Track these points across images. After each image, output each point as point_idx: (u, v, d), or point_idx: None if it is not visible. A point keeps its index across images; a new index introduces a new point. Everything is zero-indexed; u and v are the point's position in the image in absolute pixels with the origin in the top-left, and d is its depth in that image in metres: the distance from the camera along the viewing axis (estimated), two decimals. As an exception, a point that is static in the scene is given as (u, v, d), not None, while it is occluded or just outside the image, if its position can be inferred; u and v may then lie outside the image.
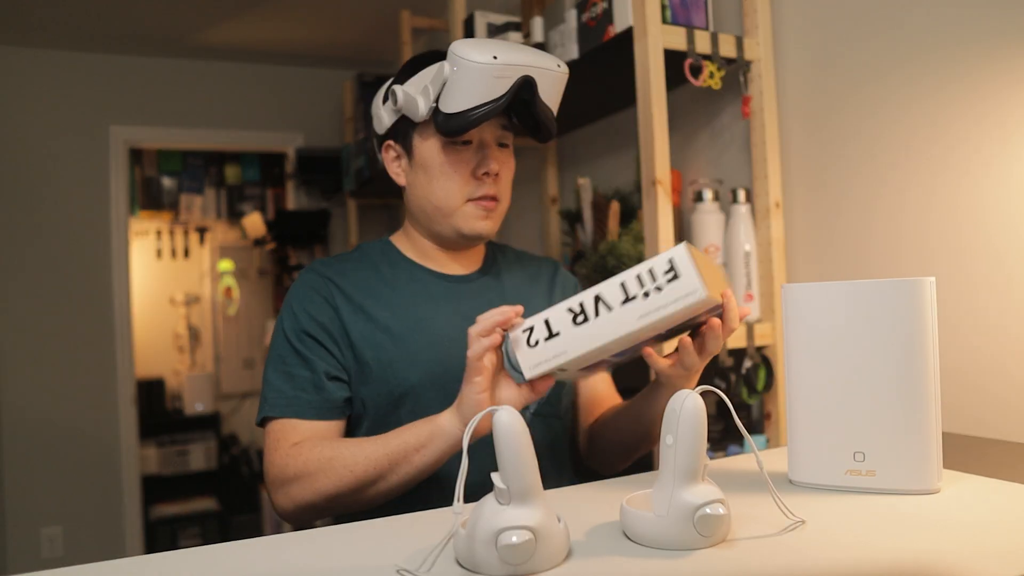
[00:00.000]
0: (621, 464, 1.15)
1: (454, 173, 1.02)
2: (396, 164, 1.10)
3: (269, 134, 3.67)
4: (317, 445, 0.95)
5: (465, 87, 0.94)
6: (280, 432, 0.99)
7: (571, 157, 2.20)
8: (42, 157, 3.24)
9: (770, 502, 0.69)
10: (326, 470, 0.92)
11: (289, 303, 1.05)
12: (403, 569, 0.58)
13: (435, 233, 1.08)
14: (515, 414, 0.56)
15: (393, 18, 2.78)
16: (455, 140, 1.01)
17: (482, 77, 0.94)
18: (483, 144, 1.03)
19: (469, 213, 1.03)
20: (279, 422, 0.99)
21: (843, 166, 1.33)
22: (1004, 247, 1.07)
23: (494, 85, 0.94)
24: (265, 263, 4.49)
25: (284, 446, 0.97)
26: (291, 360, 1.01)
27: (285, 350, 1.02)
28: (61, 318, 3.23)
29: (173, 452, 4.02)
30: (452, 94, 0.96)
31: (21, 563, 3.07)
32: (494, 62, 0.93)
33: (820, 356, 0.76)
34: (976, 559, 0.55)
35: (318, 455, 0.93)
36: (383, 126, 1.09)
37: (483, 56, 0.93)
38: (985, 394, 1.09)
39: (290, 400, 0.99)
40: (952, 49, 1.13)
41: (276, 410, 0.99)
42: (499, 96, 0.95)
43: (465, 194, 1.02)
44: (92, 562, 0.62)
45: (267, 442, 1.00)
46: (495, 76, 0.94)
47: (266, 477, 0.99)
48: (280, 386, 1.00)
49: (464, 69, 0.94)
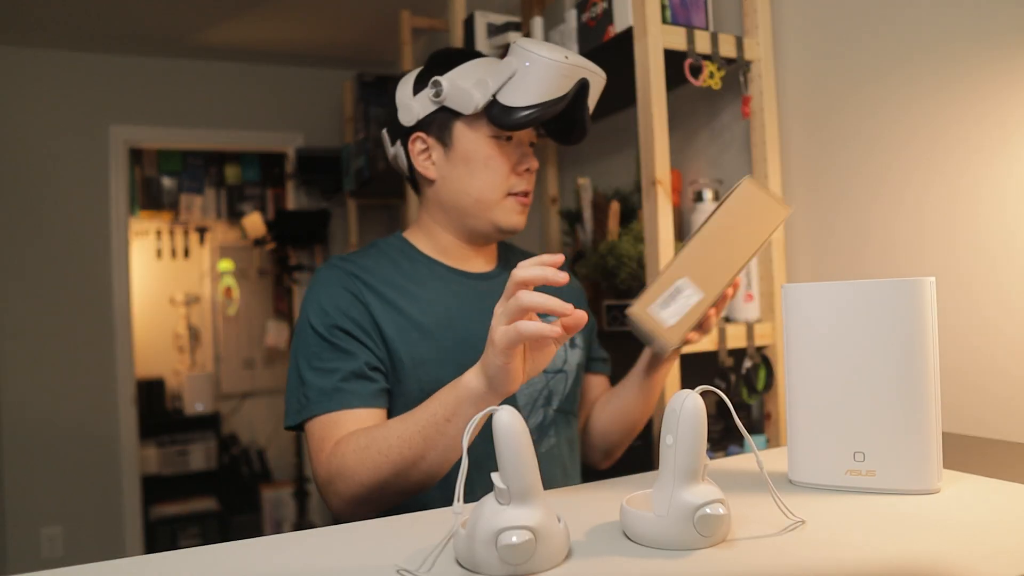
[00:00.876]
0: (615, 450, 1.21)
1: (499, 167, 1.03)
2: (425, 156, 1.06)
3: (269, 134, 3.67)
4: (354, 436, 0.90)
5: (533, 83, 0.97)
6: (323, 429, 0.95)
7: (571, 157, 2.20)
8: (42, 157, 3.24)
9: (770, 502, 0.69)
10: (363, 460, 0.87)
11: (315, 300, 1.02)
12: (403, 569, 0.58)
13: (468, 228, 1.07)
14: (515, 414, 0.56)
15: (393, 18, 2.78)
16: (503, 135, 1.03)
17: (553, 75, 0.97)
18: (522, 141, 1.05)
19: (509, 207, 1.04)
20: (320, 420, 0.95)
21: (843, 166, 1.33)
22: (1004, 247, 1.07)
23: (560, 84, 0.97)
24: (265, 263, 4.49)
25: (329, 444, 0.93)
26: (326, 355, 0.98)
27: (318, 347, 0.99)
28: (61, 318, 3.23)
29: (173, 452, 4.02)
30: (517, 88, 0.97)
31: (21, 563, 3.07)
32: (565, 61, 0.97)
33: (820, 356, 0.76)
34: (976, 559, 0.55)
35: (354, 446, 0.89)
36: (413, 117, 1.05)
37: (556, 55, 0.97)
38: (985, 394, 1.09)
39: (330, 394, 0.95)
40: (952, 49, 1.13)
41: (319, 407, 0.95)
42: (563, 95, 0.98)
43: (506, 188, 1.04)
44: (92, 562, 0.62)
45: (311, 444, 0.96)
46: (563, 75, 0.97)
47: (315, 480, 0.94)
48: (318, 383, 0.97)
49: (537, 65, 0.96)
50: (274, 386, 4.50)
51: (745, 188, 0.91)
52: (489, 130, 1.02)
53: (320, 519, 3.68)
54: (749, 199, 0.91)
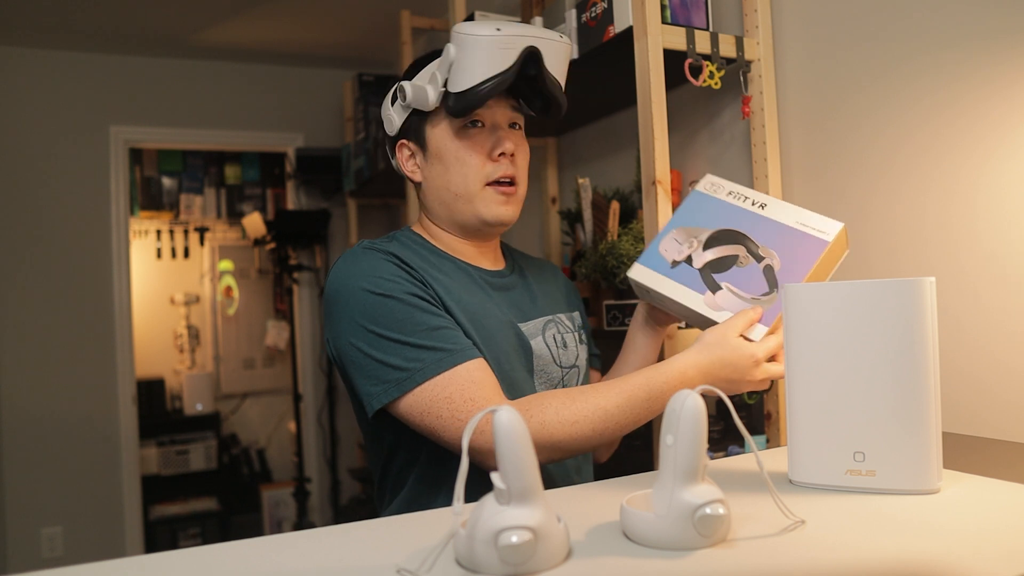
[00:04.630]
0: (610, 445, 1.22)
1: (469, 157, 1.01)
2: (411, 162, 1.07)
3: (269, 134, 3.67)
4: (552, 403, 0.89)
5: (471, 63, 0.94)
6: (453, 386, 0.88)
7: (571, 157, 2.20)
8: (42, 157, 3.24)
9: (770, 502, 0.69)
10: (574, 435, 0.89)
11: (373, 275, 0.94)
12: (403, 569, 0.58)
13: (458, 224, 1.06)
14: (515, 413, 0.56)
15: (393, 18, 2.78)
16: (467, 122, 1.01)
17: (487, 50, 0.94)
18: (496, 125, 1.03)
19: (489, 198, 1.02)
20: (445, 377, 0.89)
21: (842, 166, 1.33)
22: (1003, 246, 1.07)
23: (500, 57, 0.94)
24: (265, 263, 4.49)
25: (481, 400, 0.87)
26: (418, 317, 0.92)
27: (406, 312, 0.92)
28: (61, 318, 3.23)
29: (173, 452, 4.02)
30: (459, 73, 0.95)
31: (21, 563, 3.07)
32: (497, 33, 0.94)
33: (820, 356, 0.76)
34: (976, 559, 0.55)
35: (557, 417, 0.88)
36: (394, 127, 1.07)
37: (486, 29, 0.94)
38: (985, 394, 1.09)
39: (450, 351, 0.90)
40: (951, 49, 1.13)
41: (439, 365, 0.89)
42: (507, 68, 0.95)
43: (483, 177, 1.01)
44: (92, 562, 0.62)
45: (447, 402, 0.88)
46: (500, 48, 0.94)
47: (472, 435, 0.85)
48: (429, 343, 0.90)
49: (469, 45, 0.94)
50: (274, 386, 4.50)
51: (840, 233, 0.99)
52: (452, 123, 1.02)
53: (320, 519, 3.68)
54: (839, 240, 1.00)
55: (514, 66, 0.95)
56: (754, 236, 1.02)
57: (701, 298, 1.01)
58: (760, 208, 1.04)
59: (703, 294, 1.02)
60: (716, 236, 1.04)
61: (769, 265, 1.00)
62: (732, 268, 1.01)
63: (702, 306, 1.01)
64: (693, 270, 1.03)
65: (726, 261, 1.02)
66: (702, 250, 1.04)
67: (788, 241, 1.01)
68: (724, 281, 1.01)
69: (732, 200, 1.06)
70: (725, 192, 1.07)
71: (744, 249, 1.02)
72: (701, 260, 1.03)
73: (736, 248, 1.02)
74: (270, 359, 4.51)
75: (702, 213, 1.07)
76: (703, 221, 1.06)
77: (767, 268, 1.00)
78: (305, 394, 3.72)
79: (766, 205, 1.03)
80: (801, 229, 1.00)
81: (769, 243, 1.01)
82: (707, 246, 1.04)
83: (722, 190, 1.07)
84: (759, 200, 1.04)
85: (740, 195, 1.06)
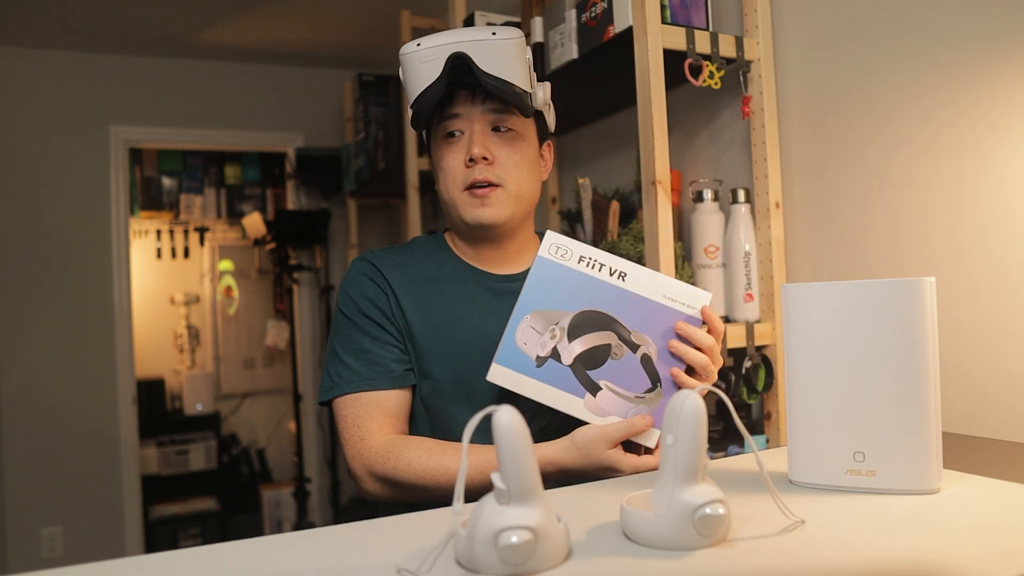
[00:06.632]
0: None
1: (449, 166, 1.05)
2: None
3: (269, 134, 3.67)
4: (407, 450, 0.98)
5: (410, 81, 1.00)
6: (353, 409, 1.03)
7: (571, 157, 2.20)
8: (42, 157, 3.24)
9: (770, 502, 0.69)
10: (417, 482, 0.96)
11: (344, 289, 1.10)
12: (403, 569, 0.58)
13: (457, 228, 1.11)
14: (515, 413, 0.56)
15: (393, 18, 2.78)
16: (445, 132, 1.06)
17: (414, 66, 0.99)
18: (475, 131, 1.04)
19: (466, 202, 1.05)
20: (350, 399, 1.03)
21: (843, 166, 1.33)
22: (1003, 246, 1.07)
23: (427, 70, 0.98)
24: (265, 263, 4.49)
25: (364, 431, 1.01)
26: (356, 338, 1.05)
27: (348, 330, 1.06)
28: (61, 318, 3.23)
29: (173, 452, 4.02)
30: (410, 90, 1.01)
31: (21, 563, 3.07)
32: (417, 49, 0.98)
33: (820, 356, 0.76)
34: (976, 559, 0.55)
35: (408, 464, 0.97)
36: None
37: (408, 48, 0.99)
38: (985, 394, 1.09)
39: (360, 374, 1.03)
40: (951, 49, 1.13)
41: (350, 386, 1.03)
42: (435, 79, 0.99)
43: (460, 183, 1.05)
44: (92, 562, 0.62)
45: (343, 423, 1.03)
46: (422, 61, 0.98)
47: (346, 457, 1.02)
48: (350, 363, 1.04)
49: (403, 65, 1.00)
50: (274, 386, 4.50)
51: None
52: (436, 135, 1.08)
53: (320, 519, 3.68)
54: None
55: (442, 76, 0.98)
56: (622, 318, 0.92)
57: (581, 402, 0.91)
58: (620, 279, 0.92)
59: (582, 398, 0.91)
60: (580, 321, 0.92)
61: (646, 354, 0.91)
62: (608, 362, 0.91)
63: (585, 412, 0.91)
64: (563, 367, 0.91)
65: (598, 353, 0.91)
66: (567, 340, 0.91)
67: (658, 320, 0.91)
68: (601, 379, 0.91)
69: (586, 269, 0.93)
70: (575, 259, 0.94)
71: (616, 336, 0.92)
72: (570, 355, 0.91)
73: (607, 336, 0.92)
74: (270, 359, 4.51)
75: (556, 290, 0.93)
76: (559, 301, 0.93)
77: (644, 358, 0.91)
78: (305, 394, 3.72)
79: (626, 275, 0.93)
80: (669, 305, 0.91)
81: (639, 325, 0.91)
82: (572, 334, 0.92)
83: (571, 256, 0.94)
84: (616, 267, 0.93)
85: (593, 262, 0.93)
